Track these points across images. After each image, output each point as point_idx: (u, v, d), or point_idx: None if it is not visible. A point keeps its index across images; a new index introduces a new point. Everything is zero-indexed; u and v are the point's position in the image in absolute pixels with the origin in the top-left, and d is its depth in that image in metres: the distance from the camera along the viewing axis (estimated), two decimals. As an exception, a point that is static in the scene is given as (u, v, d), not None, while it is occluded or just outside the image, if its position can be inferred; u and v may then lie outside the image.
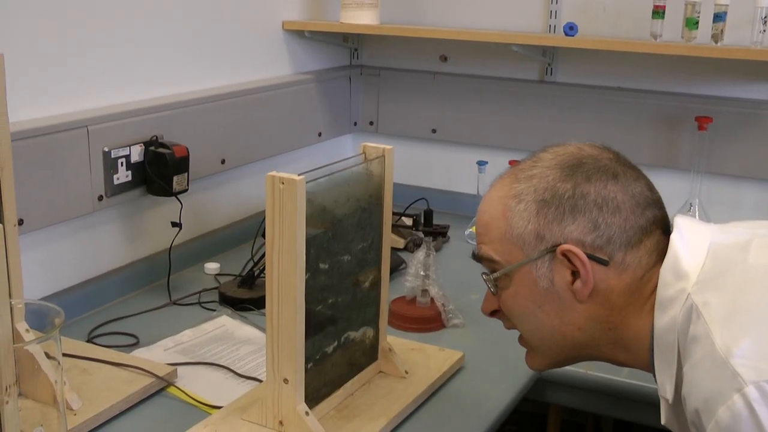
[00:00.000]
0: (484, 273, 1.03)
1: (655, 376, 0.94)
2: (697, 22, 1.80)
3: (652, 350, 0.94)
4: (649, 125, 2.03)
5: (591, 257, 0.94)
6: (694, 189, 1.93)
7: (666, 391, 0.92)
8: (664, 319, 0.91)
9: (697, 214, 1.91)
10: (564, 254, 0.94)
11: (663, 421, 0.95)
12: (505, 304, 1.02)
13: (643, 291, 0.95)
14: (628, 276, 0.95)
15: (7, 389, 0.89)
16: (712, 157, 1.95)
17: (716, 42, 1.80)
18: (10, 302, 0.90)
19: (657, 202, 0.98)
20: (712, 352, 0.83)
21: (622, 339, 0.97)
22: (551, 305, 0.98)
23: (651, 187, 0.99)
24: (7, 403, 0.89)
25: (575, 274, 0.95)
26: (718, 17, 1.79)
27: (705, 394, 0.83)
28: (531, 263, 0.97)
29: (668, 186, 2.05)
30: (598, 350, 1.00)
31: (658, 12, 1.84)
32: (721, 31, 1.79)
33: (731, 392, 0.80)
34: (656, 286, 0.94)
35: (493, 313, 1.06)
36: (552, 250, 0.95)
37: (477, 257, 1.03)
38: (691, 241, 0.94)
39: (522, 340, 1.05)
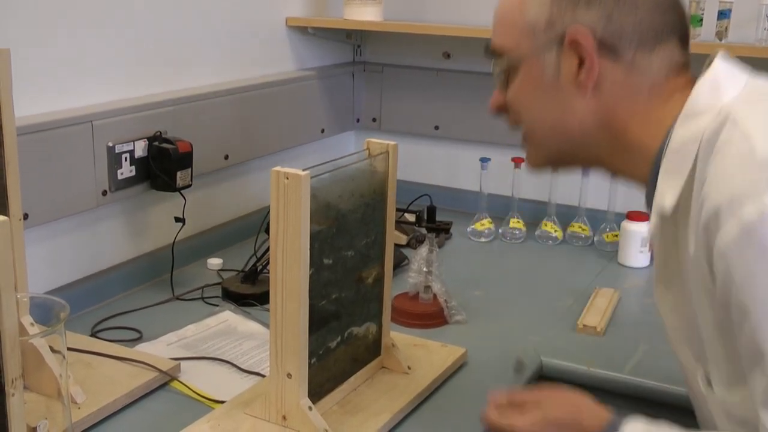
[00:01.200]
0: (493, 69, 1.04)
1: (649, 190, 0.94)
2: (702, 20, 1.80)
3: (656, 163, 0.92)
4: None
5: (599, 45, 0.93)
6: (697, 187, 1.93)
7: (665, 200, 0.91)
8: (690, 128, 0.89)
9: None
10: (572, 42, 0.94)
11: (650, 233, 0.94)
12: (511, 95, 1.02)
13: (653, 100, 0.94)
14: (636, 77, 0.94)
15: (12, 382, 0.89)
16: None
17: (720, 39, 1.80)
18: (16, 296, 0.90)
19: (678, 8, 0.96)
20: (750, 151, 0.81)
21: (624, 145, 0.96)
22: (555, 95, 0.97)
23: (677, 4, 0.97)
24: (12, 395, 0.89)
25: (582, 65, 0.94)
26: (723, 14, 1.79)
27: (733, 190, 0.80)
28: (540, 52, 0.97)
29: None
30: (597, 153, 0.99)
31: (662, 9, 1.84)
32: (726, 28, 1.79)
33: (765, 191, 0.78)
34: (668, 99, 0.93)
35: (500, 110, 1.06)
36: (561, 37, 0.95)
37: (488, 50, 1.04)
38: (732, 69, 0.93)
39: (525, 138, 1.05)
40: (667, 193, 0.91)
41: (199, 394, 1.27)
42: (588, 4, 0.94)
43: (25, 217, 1.34)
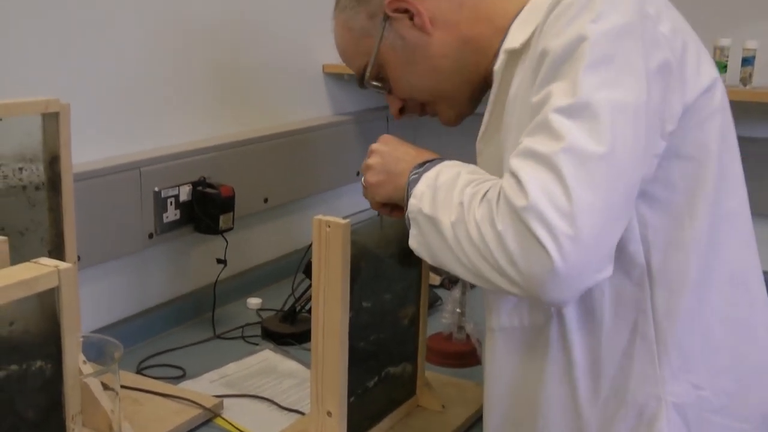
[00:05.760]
0: (372, 86, 1.16)
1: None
2: (726, 66, 1.85)
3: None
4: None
5: None
6: (725, 228, 1.95)
7: (516, 40, 0.98)
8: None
9: (728, 253, 1.94)
10: (393, 10, 1.07)
11: (496, 66, 1.01)
12: (397, 88, 1.15)
13: (481, 6, 1.06)
14: None
15: (73, 417, 0.95)
16: (742, 197, 1.98)
17: (745, 85, 1.84)
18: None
19: None
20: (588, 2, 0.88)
21: (484, 47, 1.06)
22: (418, 54, 1.09)
23: None
24: (73, 430, 0.95)
25: (413, 18, 1.07)
26: (747, 61, 1.83)
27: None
28: (383, 38, 1.10)
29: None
30: (475, 68, 1.09)
31: (688, 56, 1.89)
32: (750, 74, 1.84)
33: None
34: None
35: (402, 110, 1.18)
36: (384, 15, 1.08)
37: (361, 81, 1.16)
38: None
39: (431, 110, 1.16)
40: (517, 37, 0.98)
41: (241, 431, 1.32)
42: None
43: (78, 259, 1.40)
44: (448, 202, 0.92)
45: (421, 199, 0.96)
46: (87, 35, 1.50)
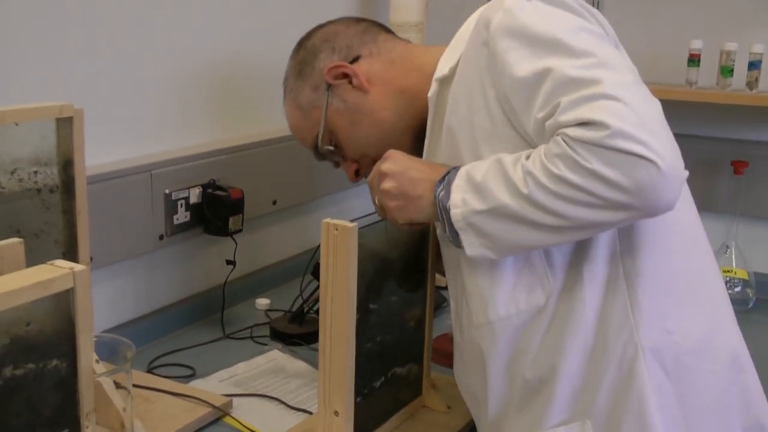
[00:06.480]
0: (327, 152, 1.29)
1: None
2: (732, 70, 1.86)
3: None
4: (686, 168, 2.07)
5: (346, 61, 1.24)
6: (731, 232, 1.97)
7: (445, 68, 1.10)
8: (462, 31, 1.11)
9: (734, 256, 1.95)
10: (333, 77, 1.24)
11: (429, 93, 1.13)
12: (348, 149, 1.27)
13: (413, 55, 1.24)
14: (385, 56, 1.25)
15: (87, 415, 0.97)
16: (748, 200, 1.99)
17: (751, 89, 1.86)
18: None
19: (360, 19, 1.31)
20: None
21: (413, 92, 1.20)
22: (359, 113, 1.24)
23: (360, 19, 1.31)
24: (87, 428, 0.97)
25: (351, 81, 1.23)
26: (753, 65, 1.85)
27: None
28: (328, 105, 1.25)
29: (705, 228, 2.09)
30: (412, 114, 1.21)
31: (694, 60, 1.91)
32: (756, 78, 1.85)
33: None
34: (427, 49, 1.23)
35: (357, 174, 1.28)
36: (326, 83, 1.24)
37: (317, 152, 1.30)
38: None
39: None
40: (445, 66, 1.11)
41: (250, 429, 1.35)
42: (316, 58, 1.27)
43: (90, 260, 1.43)
44: (507, 183, 0.95)
45: (464, 204, 0.99)
46: (98, 40, 1.53)
